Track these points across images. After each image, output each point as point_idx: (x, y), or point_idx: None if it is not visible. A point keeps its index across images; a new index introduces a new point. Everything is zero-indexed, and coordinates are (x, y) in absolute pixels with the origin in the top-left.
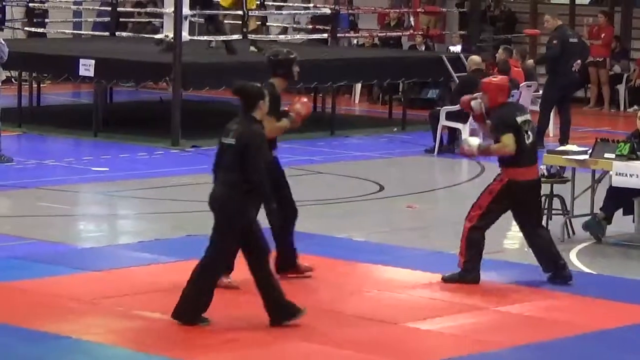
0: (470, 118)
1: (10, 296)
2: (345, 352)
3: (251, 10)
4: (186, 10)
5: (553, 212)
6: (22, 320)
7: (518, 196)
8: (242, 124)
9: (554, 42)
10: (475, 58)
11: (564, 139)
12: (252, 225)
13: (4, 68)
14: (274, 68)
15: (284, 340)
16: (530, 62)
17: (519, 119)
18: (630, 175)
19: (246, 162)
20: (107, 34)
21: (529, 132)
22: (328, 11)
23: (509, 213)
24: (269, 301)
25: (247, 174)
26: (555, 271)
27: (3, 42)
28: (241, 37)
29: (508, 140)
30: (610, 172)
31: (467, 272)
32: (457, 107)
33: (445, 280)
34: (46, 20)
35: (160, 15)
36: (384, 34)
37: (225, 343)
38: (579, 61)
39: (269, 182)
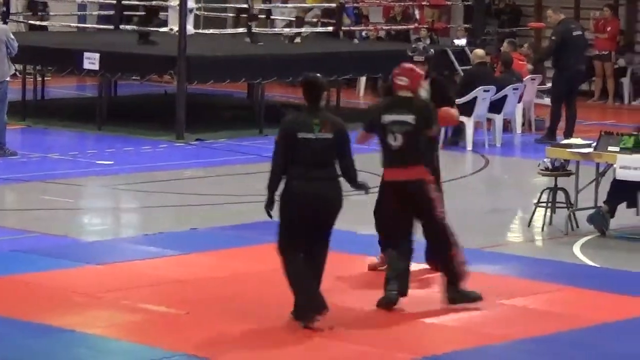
0: (474, 111)
1: (14, 289)
2: (351, 345)
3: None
4: (191, 4)
5: (557, 205)
6: (26, 314)
7: (393, 196)
8: (326, 115)
9: (553, 37)
10: (479, 51)
11: (568, 133)
12: None
13: None
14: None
15: (290, 334)
16: (529, 67)
17: (388, 118)
18: (635, 168)
19: (346, 153)
20: (111, 27)
21: (397, 134)
22: (334, 5)
23: (510, 200)
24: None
25: (348, 163)
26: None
27: (13, 36)
28: (246, 30)
29: (359, 135)
30: (614, 165)
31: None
32: (462, 100)
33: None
34: (50, 13)
35: (165, 9)
36: (389, 27)
37: (228, 336)
38: None
39: None
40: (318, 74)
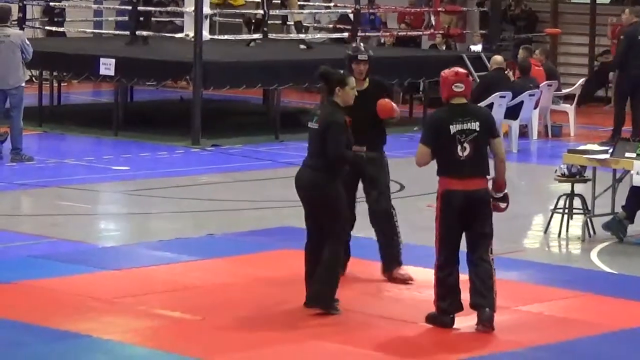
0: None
1: (31, 295)
2: (365, 351)
3: (239, 7)
4: (207, 9)
5: (574, 211)
6: (42, 319)
7: (454, 207)
8: (324, 108)
9: (621, 37)
10: (498, 58)
11: (635, 135)
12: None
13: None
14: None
15: (303, 339)
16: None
17: (454, 128)
18: None
19: (327, 140)
20: (127, 33)
21: (466, 145)
22: (349, 11)
23: (526, 206)
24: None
25: (328, 151)
26: (479, 314)
27: (28, 42)
28: (262, 36)
29: (420, 150)
30: (632, 172)
31: (442, 315)
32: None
33: (426, 319)
34: (67, 19)
35: (180, 14)
36: (405, 33)
37: (244, 342)
38: None
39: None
40: (331, 69)
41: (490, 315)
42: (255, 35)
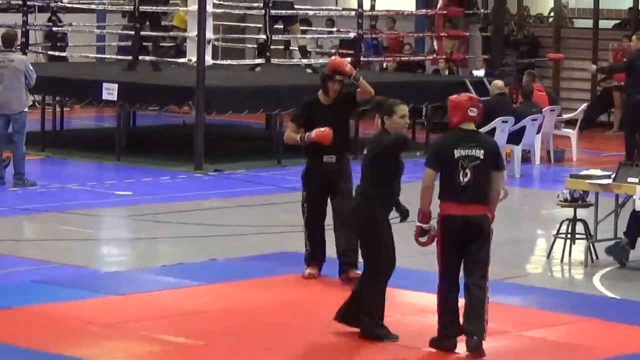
0: None
1: (34, 320)
2: None
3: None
4: (209, 35)
5: (576, 236)
6: (45, 344)
7: (452, 232)
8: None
9: (624, 60)
10: (498, 82)
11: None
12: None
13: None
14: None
15: None
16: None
17: (458, 153)
18: None
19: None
20: (130, 57)
21: (468, 170)
22: (352, 36)
23: (529, 231)
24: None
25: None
26: (467, 342)
27: (32, 68)
28: (264, 61)
29: (425, 175)
30: (634, 197)
31: (442, 339)
32: (481, 131)
33: (430, 343)
34: (69, 44)
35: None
36: (408, 58)
37: None
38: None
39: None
40: (383, 99)
41: (476, 343)
42: (258, 60)
